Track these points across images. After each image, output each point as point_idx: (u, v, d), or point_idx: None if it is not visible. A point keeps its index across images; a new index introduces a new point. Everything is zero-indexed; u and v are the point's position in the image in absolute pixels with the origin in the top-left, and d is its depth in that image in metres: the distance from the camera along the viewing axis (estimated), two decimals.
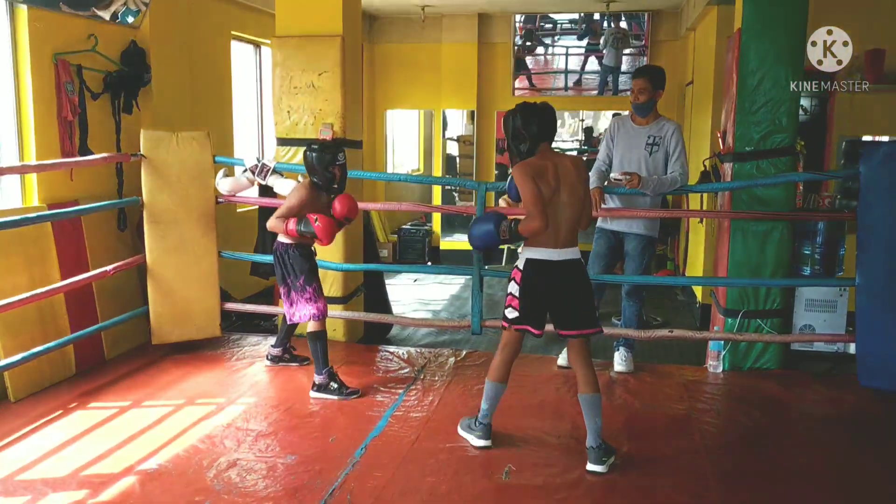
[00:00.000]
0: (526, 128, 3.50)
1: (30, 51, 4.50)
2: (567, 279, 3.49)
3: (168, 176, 4.99)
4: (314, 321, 4.40)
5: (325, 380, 4.38)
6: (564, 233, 3.44)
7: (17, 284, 4.28)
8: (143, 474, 3.39)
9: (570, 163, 3.50)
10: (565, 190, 3.41)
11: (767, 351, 4.95)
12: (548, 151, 3.53)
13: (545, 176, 3.40)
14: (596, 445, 3.48)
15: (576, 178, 3.45)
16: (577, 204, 3.44)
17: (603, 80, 9.40)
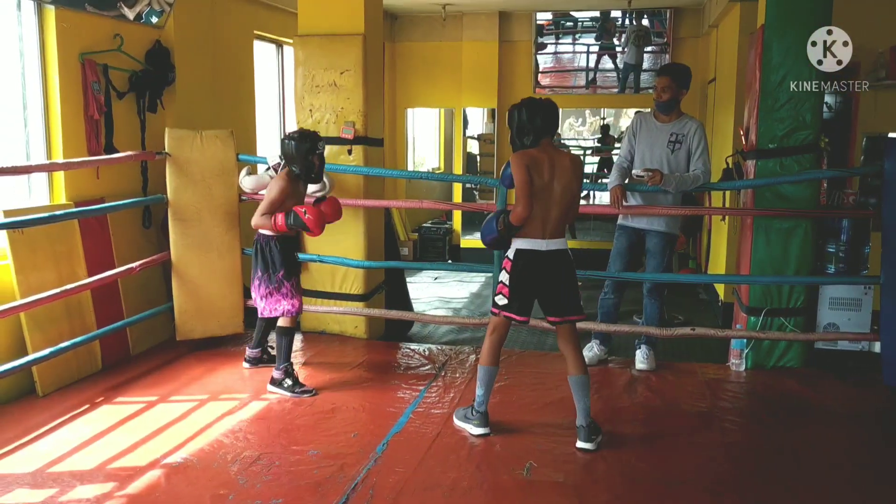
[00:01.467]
0: (531, 121, 3.65)
1: (57, 51, 4.57)
2: (554, 268, 3.65)
3: (192, 174, 5.04)
4: (286, 317, 4.41)
5: (281, 375, 4.40)
6: (553, 225, 3.60)
7: (45, 281, 4.35)
8: (169, 468, 3.43)
9: (567, 160, 3.64)
10: (559, 184, 3.56)
11: (791, 349, 4.92)
12: (548, 146, 3.66)
13: (540, 167, 3.55)
14: (585, 424, 3.65)
15: (571, 175, 3.58)
16: (569, 199, 3.59)
17: (624, 78, 9.36)
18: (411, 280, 7.95)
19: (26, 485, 3.26)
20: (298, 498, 3.16)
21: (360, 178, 5.45)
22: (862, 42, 5.53)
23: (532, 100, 3.73)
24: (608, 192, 4.79)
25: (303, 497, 3.18)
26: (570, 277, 3.69)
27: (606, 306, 5.02)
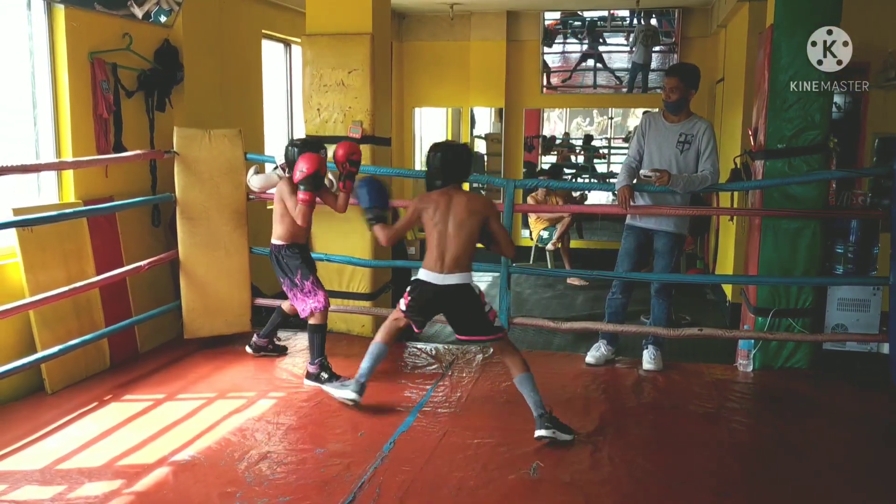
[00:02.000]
0: (443, 168, 3.83)
1: (67, 50, 4.59)
2: (451, 300, 3.84)
3: (200, 173, 5.06)
4: (316, 314, 4.51)
5: (316, 369, 4.53)
6: (449, 260, 3.76)
7: (54, 279, 4.37)
8: (177, 465, 3.45)
9: (465, 200, 3.79)
10: (452, 224, 3.75)
11: (798, 350, 4.90)
12: (453, 189, 3.84)
13: (432, 208, 3.78)
14: (538, 414, 3.74)
15: (465, 215, 3.75)
16: (464, 237, 3.75)
17: (632, 78, 9.34)
18: None
19: (35, 481, 3.28)
20: (305, 496, 3.17)
21: None
22: (871, 42, 5.52)
23: (450, 146, 3.99)
24: (616, 192, 4.78)
25: (310, 495, 3.18)
26: (473, 307, 3.82)
27: (614, 306, 5.01)
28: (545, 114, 10.40)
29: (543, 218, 8.61)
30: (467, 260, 3.80)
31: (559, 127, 11.82)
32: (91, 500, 3.12)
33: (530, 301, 7.35)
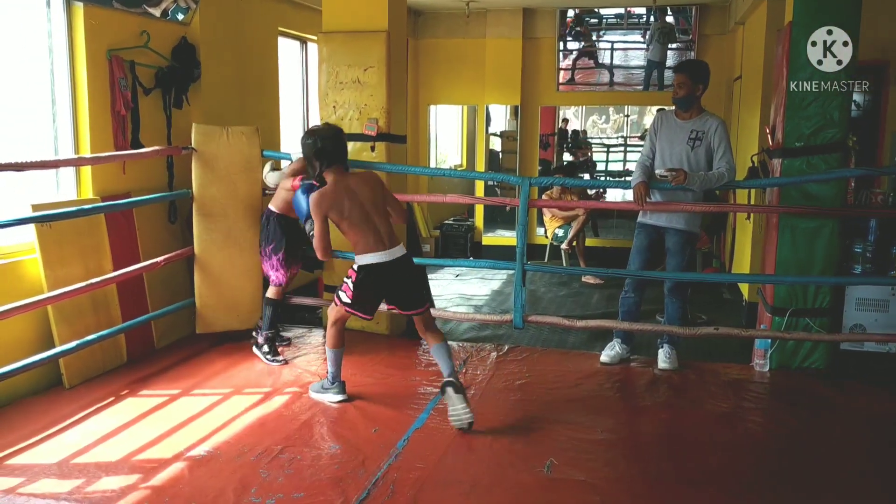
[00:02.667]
0: (318, 152, 3.86)
1: (85, 47, 4.63)
2: (400, 274, 3.90)
3: (217, 169, 5.09)
4: (272, 287, 4.90)
5: (262, 341, 4.91)
6: (387, 237, 3.86)
7: (72, 274, 4.40)
8: (192, 460, 3.47)
9: (360, 180, 3.89)
10: (368, 204, 3.84)
11: (816, 350, 4.86)
12: (340, 174, 3.88)
13: (340, 205, 3.80)
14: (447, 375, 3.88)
15: (371, 194, 3.86)
16: (385, 215, 3.89)
17: (648, 76, 9.30)
18: (433, 277, 7.96)
19: (53, 475, 3.31)
20: (320, 492, 3.18)
21: (382, 175, 5.45)
22: (891, 40, 5.47)
23: (316, 129, 3.99)
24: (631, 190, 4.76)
25: (324, 491, 3.19)
26: (417, 275, 3.98)
27: (627, 305, 4.99)
28: (561, 111, 10.37)
29: (558, 216, 8.59)
30: (397, 232, 3.93)
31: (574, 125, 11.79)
32: (108, 494, 3.15)
33: (545, 299, 7.33)
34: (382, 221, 3.86)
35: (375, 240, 3.81)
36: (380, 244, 3.82)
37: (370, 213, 3.83)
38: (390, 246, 3.84)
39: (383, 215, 3.88)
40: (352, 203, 3.80)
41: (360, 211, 3.81)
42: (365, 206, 3.82)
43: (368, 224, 3.81)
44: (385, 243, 3.83)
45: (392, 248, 3.84)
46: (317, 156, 3.87)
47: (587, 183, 10.30)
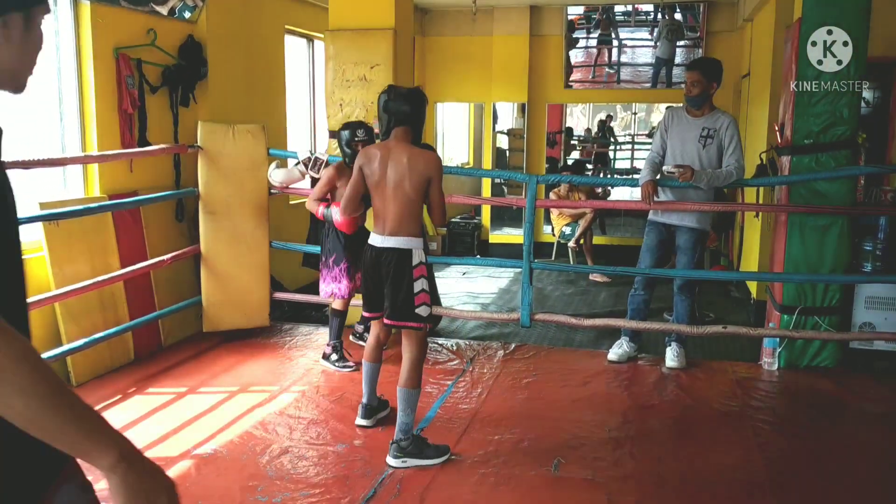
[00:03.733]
0: (385, 110, 3.44)
1: (92, 45, 4.63)
2: (384, 265, 3.42)
3: (224, 167, 5.09)
4: (336, 299, 4.73)
5: (329, 351, 4.79)
6: (391, 222, 3.40)
7: (79, 272, 4.41)
8: (199, 459, 3.47)
9: (405, 155, 3.38)
10: (391, 183, 3.38)
11: (825, 349, 4.84)
12: (397, 139, 3.42)
13: (372, 163, 3.41)
14: (395, 440, 3.44)
15: (404, 172, 3.35)
16: (403, 200, 3.37)
17: (656, 73, 9.26)
18: (440, 275, 7.95)
19: None
20: (326, 490, 3.18)
21: None
22: None
23: (391, 87, 3.54)
24: (639, 188, 4.74)
25: (331, 490, 3.19)
26: (401, 277, 3.39)
27: (636, 303, 4.98)
28: (568, 109, 10.35)
29: (566, 214, 8.57)
30: (410, 223, 3.40)
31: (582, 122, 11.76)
32: None
33: (552, 297, 7.31)
34: (395, 206, 3.39)
35: (380, 220, 3.44)
36: (379, 226, 3.44)
37: (387, 191, 3.39)
38: (388, 233, 3.41)
39: (402, 201, 3.38)
40: (381, 170, 3.39)
41: (380, 186, 3.41)
42: (389, 185, 3.39)
43: (382, 202, 3.42)
44: (384, 227, 3.42)
45: (388, 236, 3.41)
46: (384, 109, 3.45)
47: (595, 181, 10.27)
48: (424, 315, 3.43)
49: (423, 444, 3.46)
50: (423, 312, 3.42)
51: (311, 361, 4.90)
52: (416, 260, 3.41)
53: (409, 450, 3.41)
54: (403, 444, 3.42)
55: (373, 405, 3.91)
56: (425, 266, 3.46)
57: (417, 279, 3.40)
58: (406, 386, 3.42)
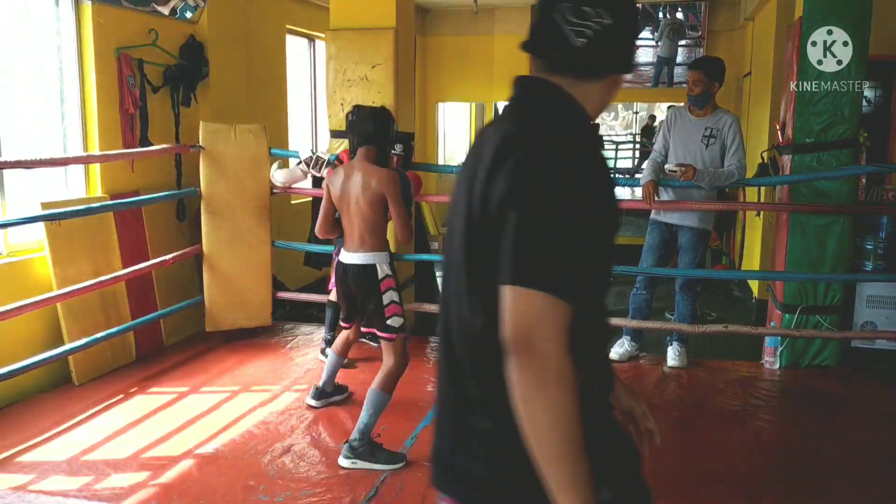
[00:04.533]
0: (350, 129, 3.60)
1: (94, 46, 4.64)
2: (353, 279, 3.55)
3: (225, 167, 5.09)
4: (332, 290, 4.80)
5: (323, 346, 4.93)
6: (355, 239, 3.53)
7: (81, 272, 4.42)
8: (201, 458, 3.48)
9: (362, 173, 3.49)
10: (351, 200, 3.50)
11: (826, 348, 4.83)
12: (360, 158, 3.54)
13: (335, 183, 3.55)
14: (350, 439, 3.44)
15: (360, 191, 3.47)
16: (361, 216, 3.49)
17: (657, 72, 9.26)
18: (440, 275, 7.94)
19: (62, 472, 3.32)
20: (328, 490, 3.18)
21: None
22: None
23: (357, 107, 3.67)
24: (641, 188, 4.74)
25: (332, 489, 3.19)
26: (369, 290, 3.50)
27: (638, 302, 4.98)
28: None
29: None
30: (371, 238, 3.49)
31: None
32: (117, 491, 3.16)
33: None
34: (357, 221, 3.50)
35: (347, 237, 3.56)
36: (347, 243, 3.56)
37: (351, 208, 3.51)
38: (353, 249, 3.53)
39: (360, 217, 3.49)
40: (343, 188, 3.51)
41: (346, 202, 3.52)
42: (350, 202, 3.51)
43: (346, 219, 3.55)
44: (350, 244, 3.54)
45: (353, 252, 3.53)
46: (348, 128, 3.61)
47: None
48: (397, 326, 3.50)
49: (376, 448, 3.43)
50: (394, 323, 3.49)
51: (313, 361, 4.90)
52: (382, 273, 3.51)
53: (360, 451, 3.40)
54: (355, 445, 3.40)
55: (326, 390, 4.09)
56: (393, 278, 3.55)
57: (385, 291, 3.50)
58: (377, 388, 3.44)
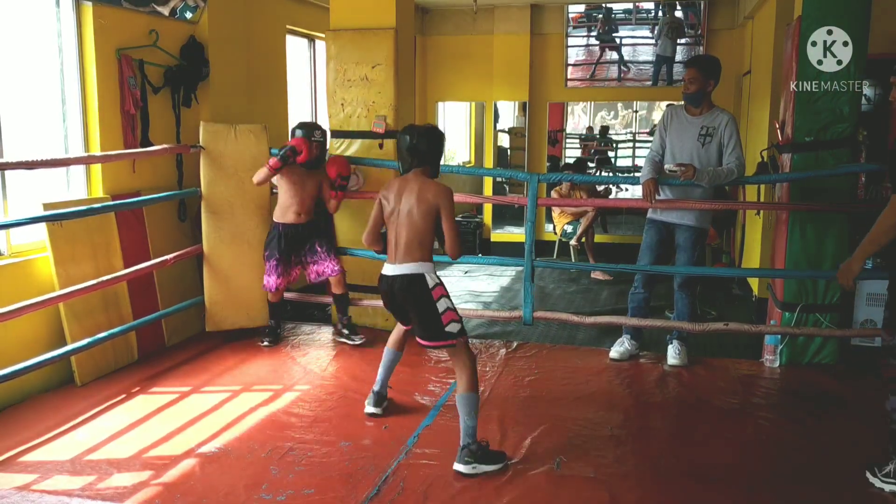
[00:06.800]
0: (405, 152, 3.62)
1: (94, 46, 4.65)
2: (400, 293, 3.53)
3: (226, 167, 5.11)
4: (267, 293, 5.16)
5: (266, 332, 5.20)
6: (402, 250, 3.52)
7: (82, 272, 4.43)
8: (203, 457, 3.49)
9: (418, 187, 3.54)
10: (403, 211, 3.54)
11: (826, 346, 4.85)
12: (414, 175, 3.60)
13: (389, 194, 3.62)
14: (464, 444, 3.43)
15: (415, 202, 3.51)
16: (412, 227, 3.50)
17: (657, 71, 9.26)
18: (442, 274, 7.95)
19: (65, 472, 3.34)
20: (330, 489, 3.20)
21: (391, 171, 5.46)
22: None
23: (412, 127, 3.69)
24: (640, 186, 4.75)
25: (334, 488, 3.21)
26: (421, 302, 3.48)
27: (636, 301, 4.99)
28: (569, 107, 10.35)
29: (567, 212, 8.58)
30: (420, 250, 3.50)
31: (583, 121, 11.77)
32: (120, 490, 3.17)
33: (554, 295, 7.33)
34: (405, 233, 3.52)
35: (392, 249, 3.58)
36: (392, 255, 3.57)
37: (399, 220, 3.55)
38: (399, 261, 3.52)
39: (412, 229, 3.51)
40: (395, 201, 3.57)
41: (395, 216, 3.57)
42: (401, 213, 3.55)
43: (394, 231, 3.57)
44: (395, 256, 3.54)
45: (399, 264, 3.52)
46: (409, 151, 3.63)
47: (596, 179, 10.27)
48: (455, 331, 3.48)
49: (487, 449, 3.46)
50: (453, 329, 3.47)
51: (314, 360, 4.91)
52: (432, 283, 3.50)
53: (479, 454, 3.40)
54: (474, 448, 3.40)
55: (383, 394, 4.03)
56: (442, 286, 3.53)
57: (439, 299, 3.48)
58: (464, 391, 3.45)
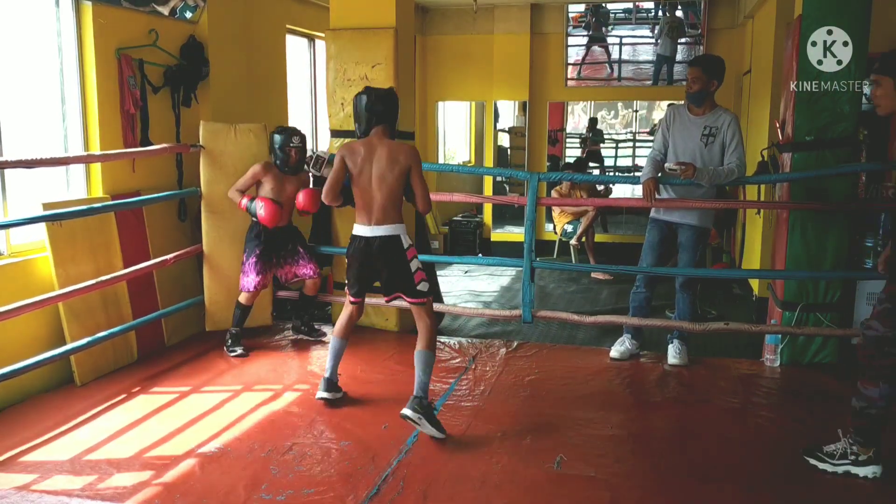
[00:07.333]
0: (367, 110, 3.79)
1: (94, 46, 4.65)
2: (378, 251, 3.78)
3: (225, 167, 5.10)
4: (242, 292, 4.99)
5: (227, 337, 5.03)
6: (376, 212, 3.75)
7: (82, 272, 4.43)
8: (203, 457, 3.49)
9: (387, 149, 3.75)
10: (375, 175, 3.74)
11: (827, 345, 4.85)
12: (378, 135, 3.80)
13: (355, 157, 3.78)
14: (416, 395, 3.70)
15: (386, 164, 3.72)
16: (387, 189, 3.73)
17: (657, 70, 9.25)
18: (442, 273, 7.96)
19: (65, 472, 3.33)
20: (330, 488, 3.19)
21: None
22: None
23: (372, 89, 3.86)
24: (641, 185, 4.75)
25: (334, 487, 3.20)
26: (398, 260, 3.77)
27: (638, 300, 4.99)
28: (569, 107, 10.35)
29: (567, 212, 8.58)
30: (394, 210, 3.76)
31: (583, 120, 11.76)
32: (120, 490, 3.17)
33: (554, 295, 7.32)
34: (380, 196, 3.74)
35: (365, 211, 3.78)
36: (365, 217, 3.78)
37: (372, 184, 3.75)
38: (375, 223, 3.76)
39: (386, 192, 3.74)
40: (364, 164, 3.75)
41: (366, 177, 3.75)
42: (372, 175, 3.74)
43: (366, 194, 3.76)
44: (370, 218, 3.76)
45: (375, 225, 3.75)
46: (367, 109, 3.79)
47: (596, 178, 10.26)
48: (425, 290, 3.81)
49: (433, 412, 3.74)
50: (423, 288, 3.80)
51: (314, 360, 4.91)
52: (406, 243, 3.79)
53: (427, 410, 3.66)
54: (425, 403, 3.68)
55: (334, 381, 4.16)
56: (413, 248, 3.82)
57: (411, 260, 3.79)
58: (423, 348, 3.76)
